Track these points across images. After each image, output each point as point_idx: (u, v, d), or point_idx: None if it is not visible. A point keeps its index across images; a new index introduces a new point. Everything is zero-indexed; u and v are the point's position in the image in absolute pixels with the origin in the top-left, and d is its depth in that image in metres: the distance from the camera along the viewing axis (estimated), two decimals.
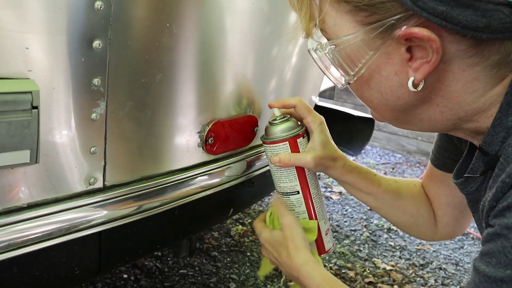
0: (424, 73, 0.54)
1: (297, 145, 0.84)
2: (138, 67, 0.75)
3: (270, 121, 0.85)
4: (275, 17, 0.99)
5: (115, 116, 0.75)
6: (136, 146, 0.81)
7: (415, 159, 3.72)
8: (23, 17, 0.60)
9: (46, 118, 0.67)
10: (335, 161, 0.86)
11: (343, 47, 0.58)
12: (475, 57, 0.53)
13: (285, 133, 0.83)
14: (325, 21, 0.59)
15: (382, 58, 0.56)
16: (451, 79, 0.55)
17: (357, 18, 0.55)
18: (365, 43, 0.56)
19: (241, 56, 0.93)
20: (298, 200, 0.86)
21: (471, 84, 0.55)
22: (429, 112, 0.60)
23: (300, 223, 0.83)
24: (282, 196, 0.87)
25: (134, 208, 0.82)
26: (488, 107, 0.56)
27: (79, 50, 0.67)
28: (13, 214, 0.69)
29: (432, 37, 0.50)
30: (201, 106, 0.89)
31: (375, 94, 0.61)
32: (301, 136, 0.84)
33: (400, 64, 0.55)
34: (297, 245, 0.78)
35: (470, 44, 0.52)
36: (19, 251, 0.69)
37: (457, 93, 0.56)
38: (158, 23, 0.74)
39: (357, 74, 0.59)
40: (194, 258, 1.89)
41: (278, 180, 0.86)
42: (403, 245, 2.23)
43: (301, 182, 0.85)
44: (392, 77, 0.57)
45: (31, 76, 0.63)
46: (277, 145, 0.83)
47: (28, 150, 0.63)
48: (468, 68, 0.54)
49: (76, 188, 0.75)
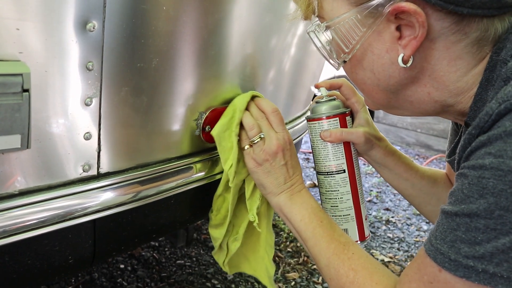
0: (412, 48, 0.59)
1: (346, 123, 0.87)
2: (133, 51, 0.72)
3: (317, 100, 0.88)
4: (274, 4, 0.97)
5: (110, 101, 0.73)
6: (132, 133, 0.79)
7: (414, 151, 3.71)
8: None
9: (38, 102, 0.64)
10: (380, 141, 0.91)
11: (339, 26, 0.63)
12: (458, 34, 0.58)
13: (335, 110, 0.86)
14: (322, 6, 0.65)
15: (374, 36, 0.62)
16: (436, 57, 0.60)
17: (351, 1, 0.62)
18: (359, 21, 0.61)
19: (239, 43, 0.91)
20: (344, 180, 0.87)
21: (455, 62, 0.60)
22: (417, 93, 0.65)
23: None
24: (326, 176, 0.88)
25: (129, 196, 0.81)
26: (470, 87, 0.61)
27: (73, 32, 0.64)
28: (4, 200, 0.67)
29: (418, 10, 0.56)
30: (198, 93, 0.86)
31: (368, 74, 0.66)
32: (348, 114, 0.88)
33: (390, 42, 0.61)
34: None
35: (453, 21, 0.57)
36: (11, 238, 0.67)
37: (442, 71, 0.61)
38: (155, 6, 0.72)
39: (352, 51, 0.64)
40: (191, 248, 1.88)
41: (324, 158, 0.87)
42: (402, 237, 2.23)
43: (348, 160, 0.87)
44: (384, 54, 0.62)
45: (22, 58, 0.61)
46: (328, 120, 0.86)
47: (19, 135, 0.61)
48: (452, 45, 0.59)
49: (69, 175, 0.73)
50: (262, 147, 0.83)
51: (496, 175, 0.50)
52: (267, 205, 0.97)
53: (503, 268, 0.50)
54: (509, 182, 0.49)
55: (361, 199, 0.89)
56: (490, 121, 0.53)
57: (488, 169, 0.51)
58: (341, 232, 0.79)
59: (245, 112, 0.88)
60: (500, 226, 0.49)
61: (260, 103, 0.89)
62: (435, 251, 0.55)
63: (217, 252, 1.01)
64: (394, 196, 2.73)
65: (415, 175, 0.93)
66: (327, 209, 0.89)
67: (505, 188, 0.49)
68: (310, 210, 0.81)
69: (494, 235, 0.50)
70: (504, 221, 0.49)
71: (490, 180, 0.50)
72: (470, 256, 0.51)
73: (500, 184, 0.49)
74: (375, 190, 2.81)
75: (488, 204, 0.50)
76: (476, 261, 0.51)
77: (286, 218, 0.83)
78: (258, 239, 1.00)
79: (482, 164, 0.51)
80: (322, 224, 0.79)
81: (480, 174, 0.51)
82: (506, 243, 0.49)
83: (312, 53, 1.25)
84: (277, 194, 0.83)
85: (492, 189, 0.50)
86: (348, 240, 0.77)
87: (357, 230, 0.88)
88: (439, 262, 0.54)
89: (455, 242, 0.53)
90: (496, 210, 0.49)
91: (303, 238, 0.80)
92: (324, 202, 0.90)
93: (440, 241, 0.55)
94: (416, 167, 0.94)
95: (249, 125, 0.86)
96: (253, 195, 0.92)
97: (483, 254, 0.50)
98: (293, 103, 1.29)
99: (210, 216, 0.98)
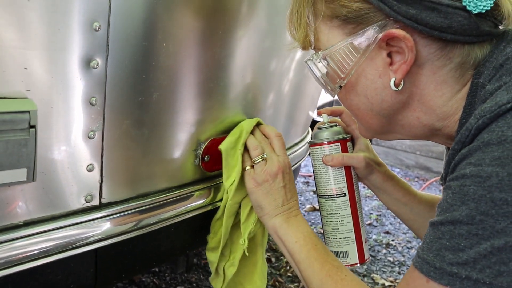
0: (403, 72, 0.64)
1: (347, 148, 0.90)
2: (135, 86, 0.76)
3: (319, 126, 0.93)
4: (271, 34, 1.01)
5: (112, 134, 0.76)
6: (133, 164, 0.82)
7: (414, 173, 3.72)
8: (22, 38, 0.61)
9: (43, 137, 0.67)
10: (379, 166, 0.94)
11: (335, 53, 0.68)
12: (442, 59, 0.63)
13: (336, 136, 0.90)
14: (319, 38, 0.70)
15: (367, 62, 0.67)
16: (424, 81, 0.65)
17: (345, 31, 0.67)
18: (353, 48, 0.66)
19: (237, 74, 0.94)
20: (344, 203, 0.89)
21: (441, 86, 0.65)
22: (407, 118, 0.70)
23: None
24: (327, 199, 0.90)
25: (130, 225, 0.83)
26: (455, 111, 0.66)
27: (77, 70, 0.68)
28: (9, 231, 0.69)
29: (407, 36, 0.61)
30: (198, 124, 0.89)
31: (362, 99, 0.70)
32: (349, 140, 0.92)
33: (382, 67, 0.66)
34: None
35: (438, 47, 0.63)
36: (15, 268, 0.69)
37: (430, 96, 0.66)
38: (155, 43, 0.76)
39: (347, 76, 0.68)
40: (191, 274, 1.88)
41: (326, 182, 0.90)
42: (402, 260, 2.22)
43: (348, 184, 0.90)
44: (377, 79, 0.67)
45: (29, 95, 0.64)
46: (329, 145, 0.89)
47: (25, 169, 0.64)
48: (437, 70, 0.64)
49: (72, 205, 0.76)
50: (264, 167, 0.87)
51: (476, 181, 0.52)
52: (262, 232, 0.99)
53: (486, 274, 0.51)
54: (488, 187, 0.51)
55: (361, 222, 0.91)
56: (470, 135, 0.57)
57: (469, 177, 0.53)
58: (334, 257, 0.81)
59: (250, 135, 0.92)
60: (481, 231, 0.51)
61: (264, 129, 0.95)
62: (422, 262, 0.57)
63: (214, 278, 1.03)
64: (394, 219, 2.73)
65: (413, 200, 0.95)
66: (328, 231, 0.91)
67: (484, 194, 0.51)
68: (305, 234, 0.83)
69: (476, 241, 0.52)
70: (484, 226, 0.51)
71: (470, 187, 0.53)
72: (454, 263, 0.53)
73: (480, 190, 0.52)
74: (375, 213, 2.81)
75: (469, 209, 0.52)
76: (460, 268, 0.52)
77: (280, 240, 0.85)
78: (255, 268, 1.01)
79: (463, 174, 0.54)
80: (316, 247, 0.81)
81: (462, 182, 0.54)
82: (488, 248, 0.51)
83: (310, 78, 1.28)
84: (274, 215, 0.86)
85: (473, 195, 0.52)
86: (341, 264, 0.79)
87: (357, 252, 0.90)
88: (425, 272, 0.56)
89: (440, 251, 0.55)
90: (477, 215, 0.52)
91: (296, 260, 0.82)
92: (325, 225, 0.92)
93: (427, 252, 0.56)
94: (414, 192, 0.96)
95: (253, 145, 0.90)
96: (248, 219, 0.95)
97: (467, 260, 0.52)
98: (293, 127, 1.32)
99: (208, 239, 1.00)
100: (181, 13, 0.78)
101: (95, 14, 0.66)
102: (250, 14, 0.91)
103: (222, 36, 0.87)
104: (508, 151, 0.51)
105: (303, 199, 2.90)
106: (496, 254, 0.51)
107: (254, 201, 0.88)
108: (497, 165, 0.51)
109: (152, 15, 0.74)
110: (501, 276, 0.51)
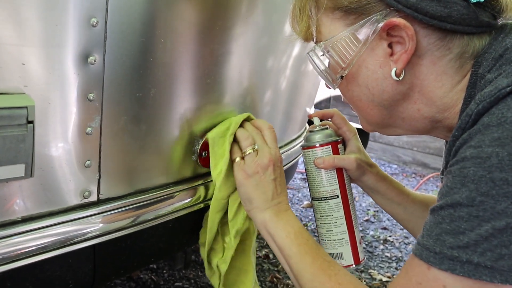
0: (404, 61, 0.64)
1: (338, 150, 0.91)
2: (132, 82, 0.76)
3: (311, 129, 0.93)
4: (269, 31, 1.01)
5: (110, 130, 0.76)
6: (131, 160, 0.82)
7: (411, 170, 3.73)
8: (20, 34, 0.61)
9: (41, 133, 0.67)
10: (371, 167, 0.94)
11: (336, 43, 0.68)
12: (442, 49, 0.64)
13: (328, 138, 0.91)
14: (320, 31, 0.71)
15: (368, 52, 0.67)
16: (424, 72, 0.66)
17: (347, 22, 0.68)
18: (354, 38, 0.67)
19: (235, 70, 0.95)
20: (337, 205, 0.90)
21: (441, 77, 0.66)
22: (408, 110, 0.70)
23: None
24: (320, 201, 0.90)
25: (128, 221, 0.83)
26: (455, 103, 0.66)
27: (75, 66, 0.68)
28: (7, 227, 0.69)
29: (407, 24, 0.62)
30: (195, 119, 0.89)
31: (363, 90, 0.71)
32: (340, 142, 0.92)
33: (383, 57, 0.66)
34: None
35: (437, 37, 0.63)
36: (13, 264, 0.69)
37: (430, 87, 0.67)
38: (153, 39, 0.75)
39: (349, 66, 0.69)
40: (189, 270, 1.88)
41: (318, 184, 0.90)
42: (399, 256, 2.23)
43: (341, 185, 0.90)
44: (377, 69, 0.67)
45: (27, 91, 0.64)
46: (321, 148, 0.89)
47: (23, 164, 0.64)
48: (437, 60, 0.65)
49: (70, 201, 0.76)
50: (254, 158, 0.84)
51: (476, 162, 0.52)
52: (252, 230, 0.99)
53: (487, 257, 0.51)
54: (488, 167, 0.51)
55: (355, 223, 0.91)
56: (470, 121, 0.58)
57: (469, 159, 0.53)
58: (326, 253, 0.80)
59: (240, 127, 0.91)
60: (482, 212, 0.51)
61: (256, 122, 0.93)
62: (421, 249, 0.56)
63: (210, 274, 1.03)
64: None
65: (407, 199, 0.95)
66: (322, 233, 0.91)
67: (484, 174, 0.51)
68: (296, 229, 0.81)
69: (477, 223, 0.51)
70: (485, 207, 0.51)
71: (470, 169, 0.53)
72: (455, 246, 0.52)
73: (480, 171, 0.52)
74: (372, 209, 2.82)
75: (470, 191, 0.52)
76: (461, 251, 0.52)
77: (269, 235, 0.81)
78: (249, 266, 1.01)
79: (463, 157, 0.55)
80: (308, 242, 0.79)
81: (462, 165, 0.54)
82: (489, 230, 0.51)
83: (308, 74, 1.28)
84: (264, 209, 0.82)
85: (473, 177, 0.52)
86: (334, 260, 0.78)
87: (352, 253, 0.90)
88: (424, 258, 0.55)
89: (440, 235, 0.54)
90: (477, 196, 0.51)
91: (286, 255, 0.78)
92: (319, 227, 0.92)
93: (426, 238, 0.56)
94: (408, 192, 0.96)
95: (244, 135, 0.88)
96: (236, 217, 0.93)
97: (468, 243, 0.52)
98: (290, 124, 1.32)
99: (200, 234, 1.00)
100: (179, 9, 0.77)
101: (93, 10, 0.66)
102: (248, 11, 0.91)
103: (220, 32, 0.87)
104: (508, 131, 0.52)
105: (301, 196, 2.91)
106: (497, 236, 0.50)
107: (243, 194, 0.85)
108: (497, 145, 0.51)
109: (149, 11, 0.74)
110: (502, 259, 0.51)
